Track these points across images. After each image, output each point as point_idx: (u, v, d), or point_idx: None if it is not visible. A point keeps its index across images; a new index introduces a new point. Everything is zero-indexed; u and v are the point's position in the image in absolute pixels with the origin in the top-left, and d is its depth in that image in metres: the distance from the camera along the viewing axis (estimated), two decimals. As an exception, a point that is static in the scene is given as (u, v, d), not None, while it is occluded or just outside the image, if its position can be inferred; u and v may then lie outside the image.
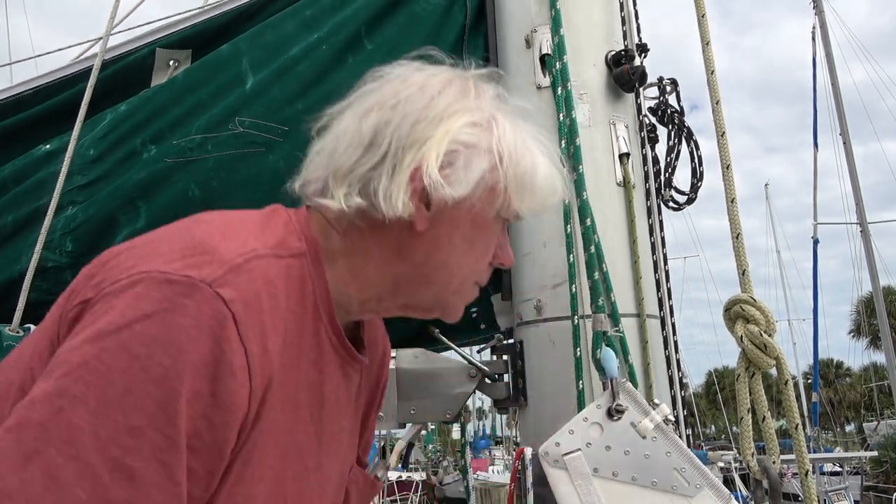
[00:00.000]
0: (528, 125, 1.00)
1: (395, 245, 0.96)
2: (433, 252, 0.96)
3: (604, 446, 1.08)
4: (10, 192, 1.61)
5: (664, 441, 1.10)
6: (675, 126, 1.91)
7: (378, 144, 0.92)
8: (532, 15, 1.82)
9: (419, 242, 0.95)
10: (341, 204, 0.92)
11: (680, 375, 1.78)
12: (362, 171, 0.92)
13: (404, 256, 0.96)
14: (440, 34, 1.84)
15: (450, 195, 0.90)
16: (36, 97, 1.76)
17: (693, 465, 1.10)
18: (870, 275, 14.57)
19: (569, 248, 1.63)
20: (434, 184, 0.90)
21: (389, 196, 0.90)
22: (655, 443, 1.09)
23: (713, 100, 1.03)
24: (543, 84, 1.77)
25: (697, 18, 1.08)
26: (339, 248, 0.96)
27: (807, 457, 0.89)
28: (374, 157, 0.92)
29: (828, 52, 15.44)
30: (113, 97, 1.72)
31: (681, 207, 1.94)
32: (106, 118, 1.65)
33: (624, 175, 1.74)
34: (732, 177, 0.98)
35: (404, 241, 0.95)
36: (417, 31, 1.81)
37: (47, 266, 1.53)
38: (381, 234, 0.95)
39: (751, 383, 0.92)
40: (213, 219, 0.90)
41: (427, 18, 1.83)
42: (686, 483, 1.06)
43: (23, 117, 1.74)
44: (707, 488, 1.07)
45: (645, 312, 1.68)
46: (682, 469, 1.08)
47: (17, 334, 1.39)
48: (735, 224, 0.99)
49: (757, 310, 0.93)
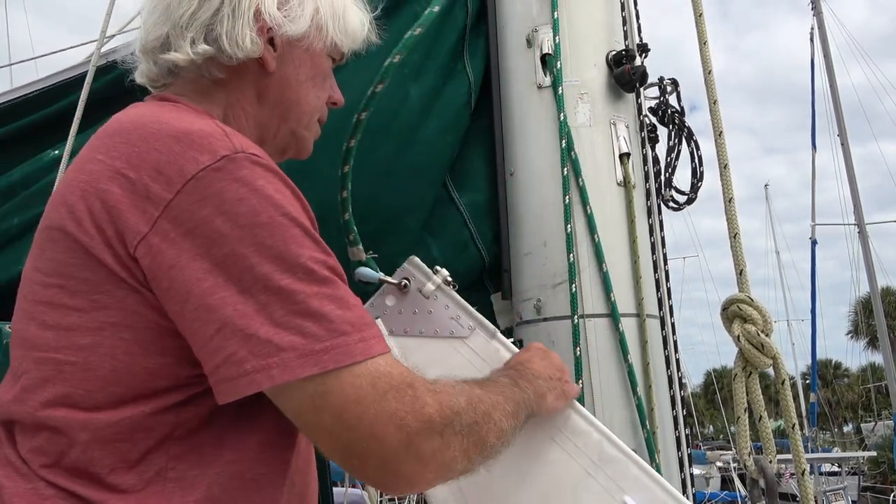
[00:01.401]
0: None
1: (254, 91, 1.03)
2: (286, 90, 1.05)
3: (397, 311, 1.27)
4: (18, 195, 1.64)
5: (443, 297, 1.28)
6: (676, 126, 1.91)
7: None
8: (533, 15, 1.83)
9: (273, 82, 1.04)
10: (188, 54, 0.98)
11: (679, 375, 1.78)
12: (204, 18, 0.98)
13: (263, 100, 1.04)
14: (441, 33, 1.84)
15: (292, 31, 1.01)
16: (40, 100, 1.77)
17: (466, 312, 1.29)
18: (868, 276, 14.57)
19: (569, 248, 1.64)
20: (276, 20, 1.00)
21: (235, 37, 0.98)
22: (436, 300, 1.27)
23: (710, 99, 1.03)
24: (544, 84, 1.78)
25: (695, 18, 1.09)
26: (220, 111, 1.02)
27: (803, 457, 0.89)
28: (213, 3, 0.98)
29: (826, 53, 15.44)
30: (120, 99, 1.72)
31: (681, 207, 1.95)
32: None
33: (624, 175, 1.75)
34: (730, 176, 0.99)
35: (261, 85, 1.03)
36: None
37: None
38: (239, 83, 1.02)
39: (748, 383, 0.92)
40: (160, 114, 0.92)
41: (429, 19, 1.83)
42: (461, 328, 1.26)
43: (28, 121, 1.75)
44: (478, 329, 1.27)
45: (645, 312, 1.69)
46: (458, 317, 1.27)
47: (19, 332, 1.40)
48: (733, 223, 1.00)
49: (754, 309, 0.93)
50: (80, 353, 0.82)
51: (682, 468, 1.69)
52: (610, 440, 1.16)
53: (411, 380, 0.82)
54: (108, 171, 0.84)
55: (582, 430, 1.17)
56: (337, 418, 0.78)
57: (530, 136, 1.79)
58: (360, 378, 0.78)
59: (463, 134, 1.86)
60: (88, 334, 0.82)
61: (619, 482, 1.11)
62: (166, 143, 0.83)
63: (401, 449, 0.79)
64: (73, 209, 0.84)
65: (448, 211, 1.85)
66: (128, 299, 0.82)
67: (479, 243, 1.81)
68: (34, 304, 0.87)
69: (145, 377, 0.82)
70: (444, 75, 1.84)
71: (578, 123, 1.75)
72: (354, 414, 0.77)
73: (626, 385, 1.62)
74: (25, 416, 0.85)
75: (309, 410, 0.79)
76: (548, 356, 1.19)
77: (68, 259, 0.84)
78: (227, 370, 0.78)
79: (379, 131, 1.67)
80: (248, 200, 0.80)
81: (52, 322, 0.84)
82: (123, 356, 0.82)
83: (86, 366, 0.82)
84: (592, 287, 1.66)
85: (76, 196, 0.84)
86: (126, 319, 0.82)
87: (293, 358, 0.76)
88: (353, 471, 0.83)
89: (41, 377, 0.84)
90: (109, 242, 0.81)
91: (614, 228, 1.72)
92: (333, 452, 0.81)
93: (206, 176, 0.80)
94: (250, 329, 0.77)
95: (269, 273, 0.78)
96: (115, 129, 0.89)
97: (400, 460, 0.79)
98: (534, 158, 1.77)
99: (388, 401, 0.78)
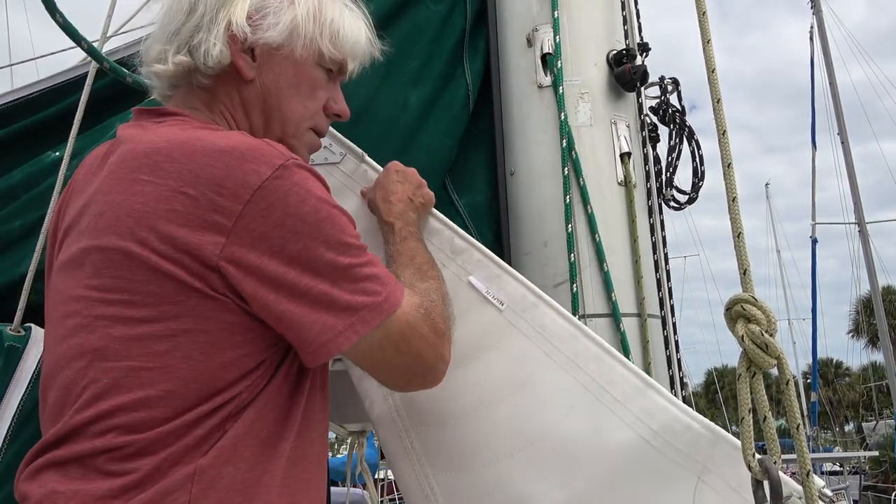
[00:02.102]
0: None
1: (238, 99, 1.13)
2: (267, 97, 1.13)
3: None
4: (20, 198, 1.64)
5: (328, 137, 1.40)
6: (677, 125, 1.91)
7: (196, 8, 1.09)
8: (533, 14, 1.82)
9: (253, 90, 1.12)
10: (168, 64, 1.09)
11: (681, 375, 1.78)
12: (186, 32, 1.09)
13: (248, 108, 1.13)
14: (441, 39, 1.84)
15: (268, 40, 1.10)
16: (40, 101, 1.76)
17: (337, 140, 1.43)
18: (868, 274, 14.56)
19: (569, 248, 1.64)
20: (244, 30, 1.08)
21: (208, 48, 1.07)
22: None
23: (714, 98, 1.02)
24: (545, 83, 1.77)
25: (698, 16, 1.08)
26: (222, 122, 1.12)
27: (808, 457, 0.89)
28: (194, 19, 1.09)
29: (826, 52, 15.44)
30: (123, 100, 1.71)
31: (682, 207, 1.94)
32: (115, 126, 1.66)
33: (625, 174, 1.75)
34: (734, 176, 0.98)
35: (244, 93, 1.13)
36: (419, 38, 1.82)
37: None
38: (224, 91, 1.12)
39: (752, 383, 0.92)
40: (188, 132, 1.02)
41: (428, 26, 1.84)
42: (333, 154, 1.43)
43: (28, 123, 1.74)
44: (349, 154, 1.44)
45: (646, 312, 1.69)
46: (330, 145, 1.42)
47: (18, 334, 1.40)
48: (736, 223, 0.99)
49: (758, 309, 0.93)
50: (158, 358, 0.93)
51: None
52: (459, 235, 1.38)
53: (423, 303, 1.08)
54: (163, 190, 0.93)
55: (436, 229, 1.39)
56: (395, 348, 1.03)
57: (531, 136, 1.78)
58: (406, 314, 1.03)
59: (461, 137, 1.86)
60: (164, 341, 0.93)
61: (466, 267, 1.35)
62: (217, 157, 0.94)
63: (436, 359, 1.09)
64: (133, 231, 0.93)
65: (447, 213, 1.84)
66: (200, 306, 0.93)
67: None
68: (93, 319, 0.95)
69: (220, 371, 0.95)
70: (442, 81, 1.84)
71: (579, 123, 1.74)
72: (406, 343, 1.03)
73: (628, 385, 1.62)
74: (94, 419, 0.92)
75: (376, 349, 1.02)
76: (405, 176, 1.36)
77: (133, 276, 0.93)
78: (323, 335, 0.96)
79: (378, 138, 1.67)
80: (307, 201, 0.96)
81: (119, 334, 0.93)
82: (200, 356, 0.94)
83: (164, 369, 0.92)
84: (593, 287, 1.65)
85: (134, 219, 0.93)
86: (200, 325, 0.94)
87: (367, 313, 0.98)
88: (406, 387, 1.15)
89: (115, 384, 0.92)
90: (180, 257, 0.92)
91: (615, 228, 1.71)
92: (394, 377, 1.09)
93: (270, 185, 0.93)
94: (331, 300, 0.96)
95: (334, 258, 0.97)
96: (150, 150, 0.97)
97: (436, 367, 1.10)
98: (534, 158, 1.77)
99: (422, 325, 1.05)
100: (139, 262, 0.92)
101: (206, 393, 0.94)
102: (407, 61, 1.77)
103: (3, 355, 1.34)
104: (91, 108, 1.68)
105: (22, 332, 1.40)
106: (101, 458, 0.91)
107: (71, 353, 0.96)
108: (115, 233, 0.94)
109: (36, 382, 1.34)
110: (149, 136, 1.01)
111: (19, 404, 1.31)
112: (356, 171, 1.43)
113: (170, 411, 0.92)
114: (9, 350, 1.36)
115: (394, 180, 1.34)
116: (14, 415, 1.29)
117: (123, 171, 0.97)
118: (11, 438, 1.30)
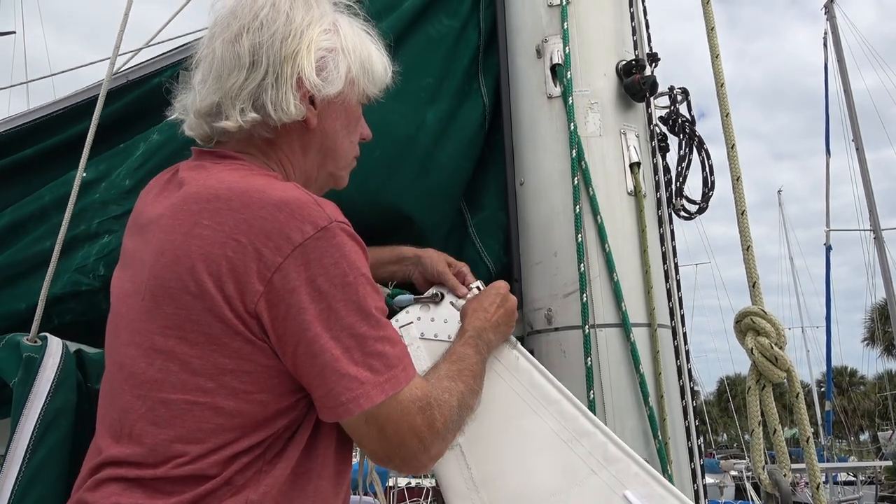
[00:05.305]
0: (353, 20, 1.25)
1: (298, 145, 1.20)
2: (325, 140, 1.22)
3: (429, 319, 1.47)
4: (51, 218, 1.65)
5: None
6: (686, 135, 1.91)
7: (258, 64, 1.13)
8: (543, 25, 1.83)
9: (313, 137, 1.21)
10: (238, 122, 1.13)
11: (692, 385, 1.77)
12: (250, 88, 1.13)
13: (306, 152, 1.22)
14: (455, 55, 1.85)
15: (330, 91, 1.17)
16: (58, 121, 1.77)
17: None
18: (884, 281, 14.43)
19: (579, 257, 1.64)
20: (316, 86, 1.15)
21: (280, 104, 1.13)
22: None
23: (723, 112, 1.03)
24: (554, 94, 1.78)
25: (707, 31, 1.09)
26: (277, 167, 1.19)
27: (818, 470, 0.89)
28: (257, 75, 1.13)
29: (840, 58, 15.35)
30: (144, 118, 1.73)
31: (692, 216, 1.94)
32: (139, 148, 1.67)
33: (635, 184, 1.75)
34: (743, 189, 0.99)
35: (304, 140, 1.20)
36: (433, 54, 1.81)
37: (81, 289, 1.58)
38: (286, 140, 1.19)
39: (762, 395, 0.92)
40: (249, 180, 1.08)
41: (442, 41, 1.83)
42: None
43: (48, 144, 1.75)
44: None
45: (656, 322, 1.68)
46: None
47: (35, 344, 1.42)
48: (745, 236, 0.99)
49: (767, 322, 0.93)
50: (206, 395, 1.01)
51: (694, 479, 1.67)
52: (613, 441, 1.31)
53: (428, 398, 1.09)
54: (219, 236, 1.00)
55: (588, 432, 1.35)
56: (380, 430, 1.04)
57: (540, 146, 1.79)
58: (400, 402, 1.04)
59: (478, 156, 1.86)
60: (212, 379, 1.01)
61: (621, 479, 1.29)
62: (270, 211, 1.01)
63: (420, 452, 1.08)
64: (193, 271, 1.00)
65: (462, 235, 1.84)
66: (243, 349, 1.01)
67: (486, 257, 1.80)
68: (151, 352, 1.04)
69: (260, 408, 1.03)
70: (459, 97, 1.83)
71: (589, 133, 1.75)
72: (392, 428, 1.04)
73: (638, 395, 1.62)
74: (154, 447, 1.01)
75: (362, 424, 1.04)
76: (504, 301, 1.43)
77: (188, 315, 1.01)
78: (329, 400, 1.02)
79: (395, 158, 1.67)
80: (340, 264, 1.01)
81: (175, 368, 1.01)
82: (243, 394, 1.01)
83: (213, 405, 1.01)
84: (603, 297, 1.65)
85: (194, 259, 1.01)
86: (243, 366, 1.01)
87: (370, 389, 1.01)
88: (383, 464, 1.13)
89: (170, 415, 1.01)
90: (229, 301, 0.99)
91: (625, 238, 1.71)
92: (373, 453, 1.09)
93: (310, 244, 1.00)
94: (341, 369, 1.01)
95: (353, 323, 1.02)
96: (212, 196, 1.05)
97: (418, 459, 1.09)
98: (544, 168, 1.77)
99: (414, 417, 1.06)
100: (195, 301, 1.00)
101: (251, 428, 1.02)
102: (422, 78, 1.77)
103: (23, 366, 1.36)
104: (109, 126, 1.69)
105: (38, 343, 1.42)
106: (161, 482, 1.00)
107: (133, 380, 1.05)
108: (175, 270, 1.02)
109: (56, 391, 1.36)
110: (211, 180, 1.09)
111: (40, 413, 1.33)
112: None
113: (219, 443, 1.00)
114: (27, 361, 1.38)
115: (493, 301, 1.42)
116: (35, 424, 1.31)
117: (186, 213, 1.05)
118: (34, 447, 1.31)
